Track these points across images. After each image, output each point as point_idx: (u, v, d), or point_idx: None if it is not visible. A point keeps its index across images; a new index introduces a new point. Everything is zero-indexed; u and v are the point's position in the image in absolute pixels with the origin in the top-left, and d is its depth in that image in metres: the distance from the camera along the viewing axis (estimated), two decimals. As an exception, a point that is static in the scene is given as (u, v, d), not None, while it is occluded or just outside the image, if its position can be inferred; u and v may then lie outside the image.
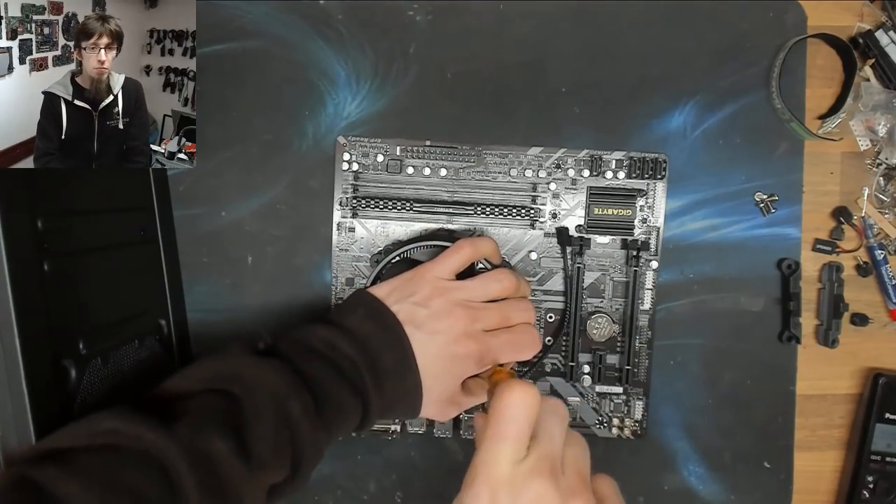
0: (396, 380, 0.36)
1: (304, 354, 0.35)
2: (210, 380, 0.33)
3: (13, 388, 0.31)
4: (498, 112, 0.46)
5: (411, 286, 0.38)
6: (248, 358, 0.34)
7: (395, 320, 0.37)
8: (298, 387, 0.33)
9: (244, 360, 0.34)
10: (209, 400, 0.32)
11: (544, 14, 0.46)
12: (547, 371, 0.46)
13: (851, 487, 0.47)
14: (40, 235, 0.32)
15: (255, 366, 0.34)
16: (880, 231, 0.47)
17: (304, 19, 0.45)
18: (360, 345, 0.36)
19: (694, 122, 0.46)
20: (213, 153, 0.45)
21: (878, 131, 0.47)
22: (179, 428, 0.30)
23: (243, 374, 0.33)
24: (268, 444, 0.31)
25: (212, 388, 0.33)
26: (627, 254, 0.46)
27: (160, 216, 0.44)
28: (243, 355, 0.35)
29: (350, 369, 0.35)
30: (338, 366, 0.35)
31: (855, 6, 0.47)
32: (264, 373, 0.33)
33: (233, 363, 0.34)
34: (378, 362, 0.36)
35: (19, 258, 0.31)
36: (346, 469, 0.47)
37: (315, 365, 0.35)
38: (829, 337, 0.47)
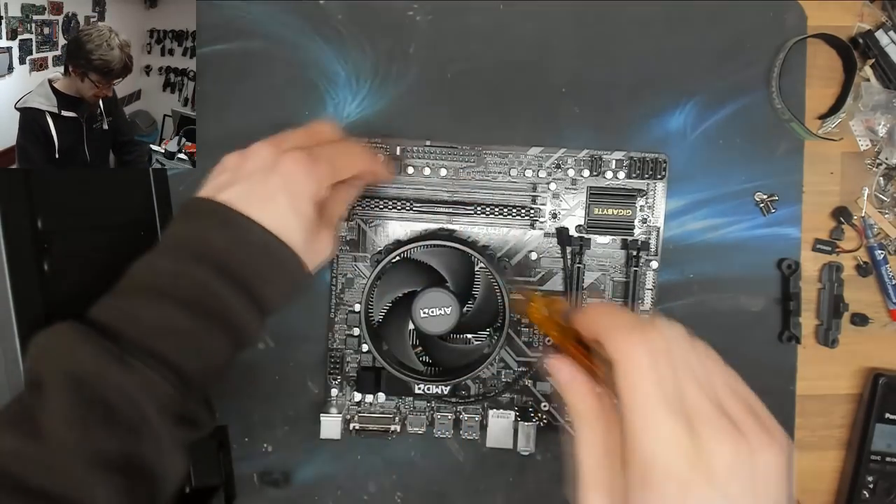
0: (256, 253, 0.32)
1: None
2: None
3: (13, 388, 0.31)
4: (498, 112, 0.46)
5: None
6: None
7: (210, 203, 0.32)
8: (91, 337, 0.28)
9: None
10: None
11: (544, 14, 0.46)
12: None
13: (851, 487, 0.47)
14: (40, 235, 0.32)
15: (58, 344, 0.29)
16: (880, 231, 0.47)
17: (304, 19, 0.45)
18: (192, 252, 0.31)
19: (694, 122, 0.46)
20: (213, 153, 0.45)
21: (878, 131, 0.47)
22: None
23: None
24: (58, 416, 0.27)
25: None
26: (627, 254, 0.46)
27: (160, 216, 0.44)
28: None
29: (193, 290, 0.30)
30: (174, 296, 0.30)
31: (855, 6, 0.47)
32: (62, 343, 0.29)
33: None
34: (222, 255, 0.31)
35: (19, 258, 0.31)
36: (346, 469, 0.46)
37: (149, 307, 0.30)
38: (829, 337, 0.47)
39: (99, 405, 0.28)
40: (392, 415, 0.46)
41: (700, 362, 0.24)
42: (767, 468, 0.22)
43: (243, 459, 0.46)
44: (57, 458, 0.27)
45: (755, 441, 0.22)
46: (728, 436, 0.22)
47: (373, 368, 0.45)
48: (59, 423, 0.27)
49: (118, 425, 0.28)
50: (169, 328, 0.30)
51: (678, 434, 0.22)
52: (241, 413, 0.46)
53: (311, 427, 0.46)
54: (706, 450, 0.22)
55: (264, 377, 0.46)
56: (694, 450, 0.22)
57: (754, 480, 0.22)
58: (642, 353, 0.23)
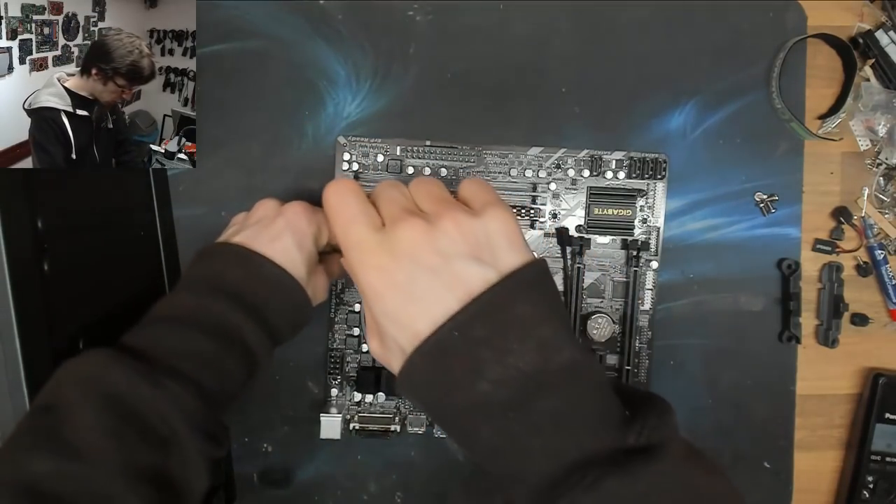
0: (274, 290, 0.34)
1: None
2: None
3: (13, 389, 0.31)
4: (498, 112, 0.46)
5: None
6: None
7: (225, 244, 0.35)
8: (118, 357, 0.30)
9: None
10: (25, 426, 0.29)
11: (544, 14, 0.46)
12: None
13: (851, 487, 0.47)
14: (40, 235, 0.32)
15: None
16: (880, 231, 0.47)
17: (304, 19, 0.45)
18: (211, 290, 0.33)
19: (694, 122, 0.46)
20: (213, 153, 0.45)
21: (878, 131, 0.47)
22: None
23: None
24: (96, 432, 0.28)
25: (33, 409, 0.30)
26: (627, 254, 0.46)
27: (160, 216, 0.44)
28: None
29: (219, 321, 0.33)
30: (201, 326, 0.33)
31: (855, 6, 0.47)
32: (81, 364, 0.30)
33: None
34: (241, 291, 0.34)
35: (19, 258, 0.31)
36: (346, 469, 0.46)
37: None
38: (829, 337, 0.47)
39: (133, 420, 0.29)
40: (392, 415, 0.46)
41: (401, 192, 0.30)
42: (447, 236, 0.27)
43: (243, 459, 0.46)
44: (96, 473, 0.27)
45: (437, 221, 0.28)
46: (408, 223, 0.28)
47: (373, 368, 0.45)
48: (97, 439, 0.28)
49: (151, 439, 0.29)
50: (192, 351, 0.32)
51: (370, 237, 0.28)
52: (241, 413, 0.46)
53: (311, 427, 0.46)
54: (391, 237, 0.28)
55: (264, 377, 0.46)
56: (385, 243, 0.28)
57: (438, 248, 0.27)
58: (346, 201, 0.30)
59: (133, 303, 0.41)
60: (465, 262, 0.27)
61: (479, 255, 0.27)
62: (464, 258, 0.27)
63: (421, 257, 0.27)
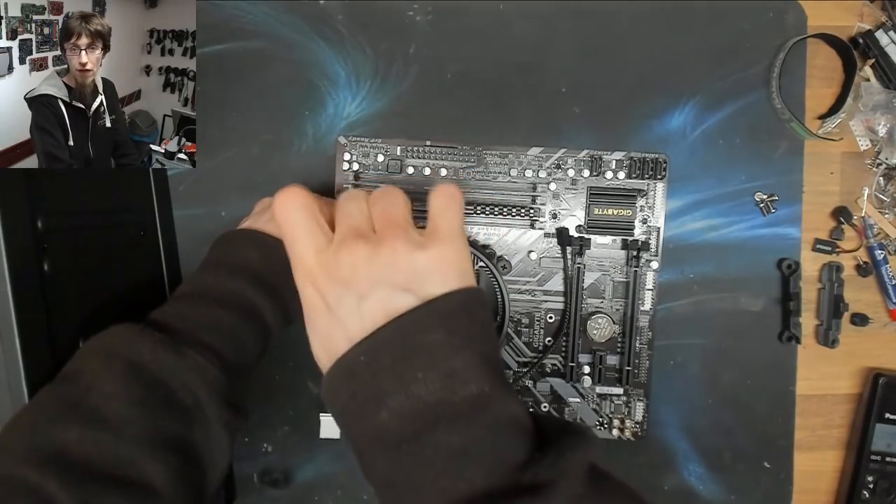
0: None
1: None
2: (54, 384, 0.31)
3: (13, 388, 0.31)
4: (498, 112, 0.46)
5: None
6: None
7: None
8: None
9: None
10: (48, 395, 0.30)
11: (544, 14, 0.46)
12: (547, 371, 0.46)
13: (851, 487, 0.47)
14: (40, 235, 0.32)
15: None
16: (880, 231, 0.47)
17: (304, 19, 0.45)
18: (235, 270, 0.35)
19: (694, 122, 0.46)
20: (213, 153, 0.45)
21: (878, 131, 0.47)
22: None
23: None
24: (122, 400, 0.29)
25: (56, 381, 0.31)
26: (627, 254, 0.46)
27: (160, 216, 0.44)
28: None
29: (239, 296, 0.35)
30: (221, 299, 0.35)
31: (855, 6, 0.47)
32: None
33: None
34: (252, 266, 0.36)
35: (19, 258, 0.31)
36: (346, 469, 0.46)
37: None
38: (829, 337, 0.47)
39: (158, 388, 0.30)
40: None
41: (359, 209, 0.29)
42: (382, 264, 0.27)
43: (243, 459, 0.46)
44: (122, 440, 0.28)
45: (378, 247, 0.27)
46: (350, 249, 0.27)
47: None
48: (122, 407, 0.29)
49: (175, 408, 0.30)
50: (213, 324, 0.33)
51: (312, 257, 0.28)
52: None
53: (311, 427, 0.46)
54: (332, 260, 0.28)
55: (264, 377, 0.46)
56: (324, 265, 0.28)
57: (371, 275, 0.27)
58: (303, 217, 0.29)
59: (133, 302, 0.41)
60: (390, 291, 0.26)
61: (408, 286, 0.27)
62: (391, 287, 0.27)
63: (353, 283, 0.27)
